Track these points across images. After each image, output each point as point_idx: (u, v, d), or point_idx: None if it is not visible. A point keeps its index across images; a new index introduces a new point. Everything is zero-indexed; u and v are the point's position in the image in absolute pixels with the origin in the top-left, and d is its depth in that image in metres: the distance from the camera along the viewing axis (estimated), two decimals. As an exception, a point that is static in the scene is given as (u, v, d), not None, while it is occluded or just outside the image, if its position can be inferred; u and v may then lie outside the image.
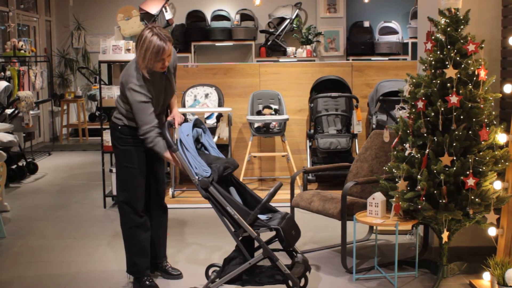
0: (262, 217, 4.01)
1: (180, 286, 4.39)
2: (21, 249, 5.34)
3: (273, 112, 7.25)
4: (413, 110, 4.27)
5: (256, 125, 7.07)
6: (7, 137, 7.22)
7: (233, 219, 3.89)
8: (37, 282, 4.55)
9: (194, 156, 3.93)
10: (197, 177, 3.91)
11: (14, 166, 8.14)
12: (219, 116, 6.97)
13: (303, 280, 4.00)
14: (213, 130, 6.85)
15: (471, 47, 4.11)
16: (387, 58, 11.07)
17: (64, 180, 8.32)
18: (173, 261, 4.76)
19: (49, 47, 12.36)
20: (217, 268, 4.10)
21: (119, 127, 4.22)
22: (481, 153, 4.07)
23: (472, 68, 4.14)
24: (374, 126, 7.08)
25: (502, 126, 4.18)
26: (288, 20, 11.40)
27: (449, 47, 4.15)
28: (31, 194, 7.48)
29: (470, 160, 4.00)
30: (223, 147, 7.07)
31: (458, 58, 4.13)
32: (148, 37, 3.95)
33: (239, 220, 3.84)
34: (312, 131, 7.34)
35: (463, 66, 4.12)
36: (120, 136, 4.23)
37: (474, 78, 4.14)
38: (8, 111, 8.30)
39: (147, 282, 4.30)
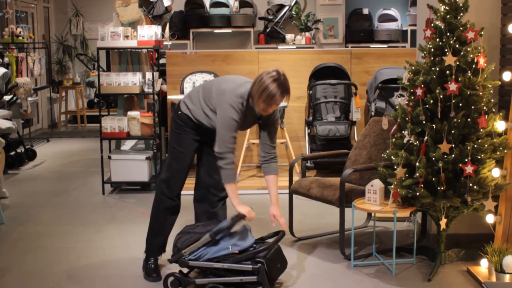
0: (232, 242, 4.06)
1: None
2: (19, 236, 5.35)
3: (272, 99, 7.23)
4: (412, 97, 4.27)
5: (254, 112, 7.06)
6: (5, 124, 7.21)
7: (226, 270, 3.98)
8: (35, 269, 4.56)
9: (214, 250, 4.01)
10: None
11: (12, 153, 8.14)
12: (218, 103, 6.96)
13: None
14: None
15: (470, 35, 4.10)
16: (386, 46, 11.04)
17: (62, 166, 8.32)
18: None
19: (47, 33, 12.32)
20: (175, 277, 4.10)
21: (179, 113, 4.20)
22: (479, 141, 4.08)
23: (471, 56, 4.14)
24: (372, 113, 7.08)
25: (500, 114, 4.19)
26: (287, 7, 11.34)
27: (448, 34, 4.15)
28: (30, 181, 7.49)
29: (468, 148, 4.01)
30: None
31: (457, 46, 4.13)
32: (270, 81, 3.92)
33: (229, 267, 3.94)
34: (310, 118, 7.33)
35: (462, 53, 4.12)
36: (177, 121, 4.22)
37: (473, 66, 4.14)
38: (7, 97, 8.29)
39: (151, 264, 4.32)
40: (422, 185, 4.06)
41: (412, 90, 4.26)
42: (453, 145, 4.05)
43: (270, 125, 4.20)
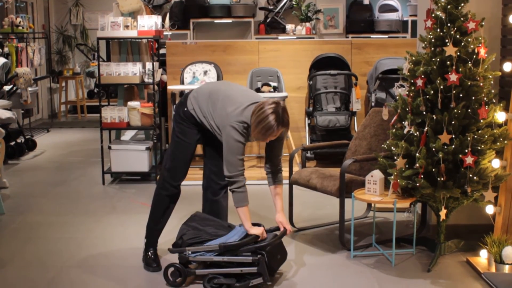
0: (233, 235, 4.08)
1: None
2: (20, 225, 5.36)
3: (272, 90, 7.23)
4: (412, 88, 4.26)
5: (255, 102, 7.05)
6: (5, 114, 7.21)
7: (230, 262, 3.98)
8: (36, 258, 4.57)
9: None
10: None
11: (12, 143, 8.14)
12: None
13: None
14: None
15: (471, 25, 4.09)
16: (386, 36, 11.02)
17: (62, 157, 8.32)
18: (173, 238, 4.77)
19: (47, 23, 12.29)
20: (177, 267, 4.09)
21: (185, 109, 4.17)
22: (480, 132, 4.07)
23: (472, 46, 4.12)
24: (373, 104, 7.08)
25: (501, 105, 4.18)
26: (287, -3, 11.32)
27: (449, 25, 4.13)
28: (30, 171, 7.49)
29: (468, 138, 4.00)
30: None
31: (458, 36, 4.11)
32: (268, 112, 3.85)
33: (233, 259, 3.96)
34: (311, 108, 7.33)
35: (463, 44, 4.11)
36: (181, 115, 4.20)
37: (474, 56, 4.13)
38: (7, 87, 8.28)
39: (150, 255, 4.35)
40: (422, 176, 4.05)
41: (412, 81, 4.25)
42: (453, 136, 4.04)
43: (276, 139, 4.15)
